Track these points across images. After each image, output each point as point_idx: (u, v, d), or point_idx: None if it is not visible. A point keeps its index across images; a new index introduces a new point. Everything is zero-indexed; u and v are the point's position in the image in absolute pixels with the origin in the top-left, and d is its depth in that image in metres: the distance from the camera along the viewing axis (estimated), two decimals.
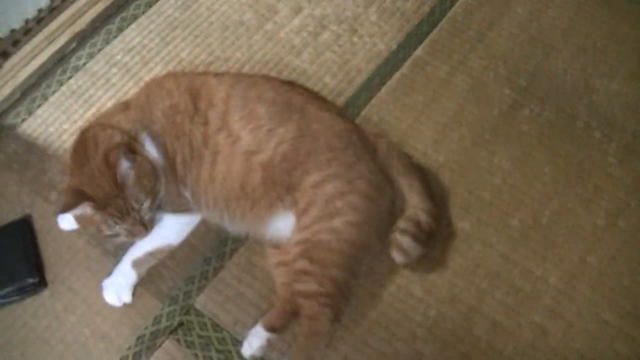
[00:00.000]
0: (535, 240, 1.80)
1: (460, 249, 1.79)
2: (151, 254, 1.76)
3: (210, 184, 1.73)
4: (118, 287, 1.75)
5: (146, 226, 1.68)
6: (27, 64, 2.11)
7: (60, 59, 2.12)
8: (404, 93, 2.01)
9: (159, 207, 1.73)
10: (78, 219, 1.68)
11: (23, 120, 2.02)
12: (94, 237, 1.81)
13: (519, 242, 1.80)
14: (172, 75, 1.84)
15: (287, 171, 1.69)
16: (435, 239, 1.76)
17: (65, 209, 1.61)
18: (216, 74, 1.83)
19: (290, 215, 1.71)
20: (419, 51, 2.08)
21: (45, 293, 1.77)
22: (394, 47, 2.09)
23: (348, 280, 1.67)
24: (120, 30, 2.16)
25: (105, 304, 1.73)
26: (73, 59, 2.12)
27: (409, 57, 2.07)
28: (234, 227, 1.79)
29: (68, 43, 2.14)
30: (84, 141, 1.69)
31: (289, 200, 1.70)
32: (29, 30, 2.15)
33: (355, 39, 2.11)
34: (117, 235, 1.68)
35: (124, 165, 1.62)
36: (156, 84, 1.83)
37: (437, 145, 1.93)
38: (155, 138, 1.73)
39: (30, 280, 1.75)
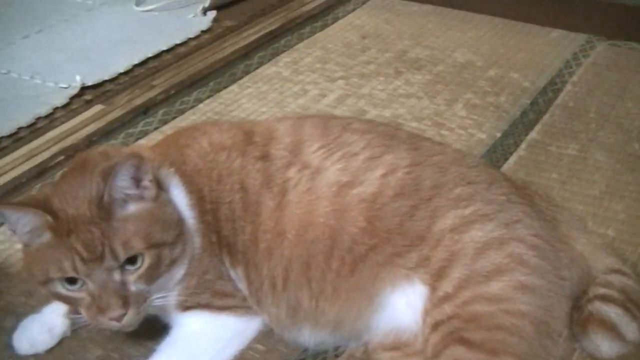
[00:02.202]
0: None
1: None
2: None
3: (277, 241, 1.05)
4: None
5: (125, 303, 0.93)
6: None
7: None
8: (528, 173, 1.46)
9: (165, 295, 1.00)
10: (26, 249, 0.96)
11: None
12: None
13: None
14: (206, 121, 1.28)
15: (405, 212, 1.03)
16: None
17: (6, 208, 0.94)
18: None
19: (418, 284, 1.02)
20: (533, 135, 1.57)
21: None
22: (498, 134, 1.57)
23: None
24: None
25: None
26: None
27: (523, 141, 1.55)
28: (318, 322, 1.06)
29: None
30: (77, 163, 1.03)
31: (414, 258, 1.02)
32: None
33: (444, 132, 1.59)
34: (72, 299, 0.97)
35: (122, 181, 0.94)
36: (186, 128, 1.25)
37: (599, 220, 1.35)
38: (186, 180, 1.07)
39: None
